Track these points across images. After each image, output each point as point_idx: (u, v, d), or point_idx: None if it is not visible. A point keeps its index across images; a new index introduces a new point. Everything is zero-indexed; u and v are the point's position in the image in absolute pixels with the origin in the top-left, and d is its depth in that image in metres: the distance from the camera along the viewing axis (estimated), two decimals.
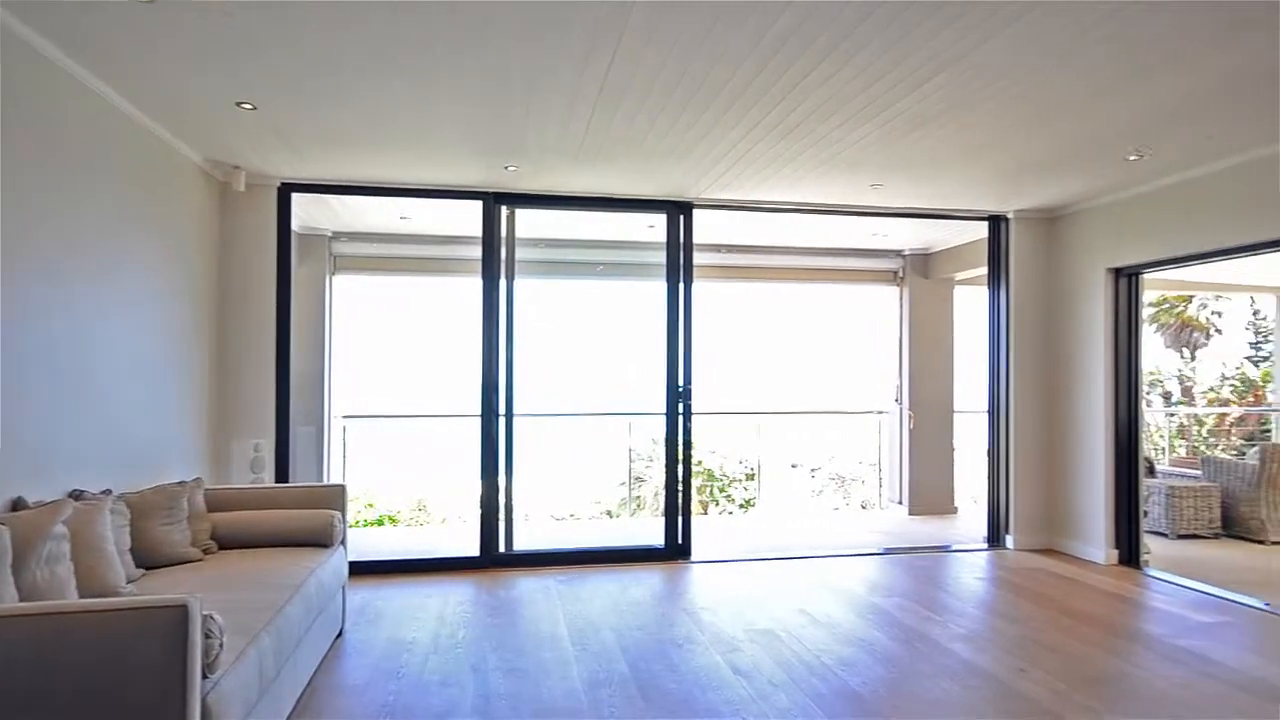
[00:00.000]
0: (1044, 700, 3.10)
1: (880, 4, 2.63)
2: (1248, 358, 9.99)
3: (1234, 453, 8.93)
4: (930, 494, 7.34)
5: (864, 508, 8.68)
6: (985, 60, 3.06)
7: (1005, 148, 4.20)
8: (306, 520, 3.63)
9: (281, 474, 4.91)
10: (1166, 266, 5.06)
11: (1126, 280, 5.30)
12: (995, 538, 5.88)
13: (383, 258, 6.83)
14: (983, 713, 3.00)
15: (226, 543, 3.52)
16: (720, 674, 3.37)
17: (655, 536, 5.48)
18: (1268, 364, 9.71)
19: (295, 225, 5.08)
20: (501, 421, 5.18)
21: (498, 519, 5.18)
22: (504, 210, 5.22)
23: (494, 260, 5.14)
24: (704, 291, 7.90)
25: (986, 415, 5.99)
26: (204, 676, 1.99)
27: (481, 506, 5.15)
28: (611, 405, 9.13)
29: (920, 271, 7.44)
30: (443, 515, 8.76)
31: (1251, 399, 9.84)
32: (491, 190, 5.09)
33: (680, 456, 5.38)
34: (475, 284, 5.15)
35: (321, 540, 3.61)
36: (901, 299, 7.52)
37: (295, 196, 4.95)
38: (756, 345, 13.04)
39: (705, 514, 9.61)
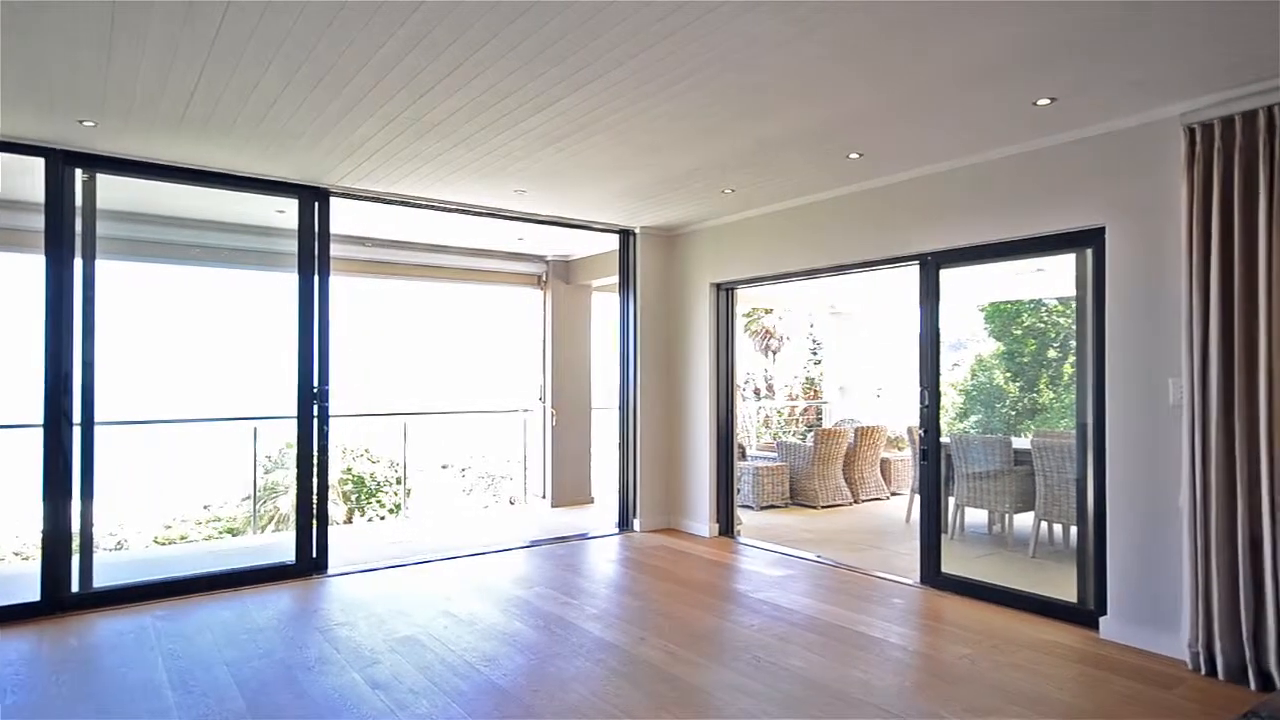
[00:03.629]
0: (660, 662, 3.52)
1: (505, 28, 2.75)
2: (809, 360, 12.58)
3: (799, 437, 11.14)
4: (571, 487, 7.84)
5: (512, 503, 8.94)
6: (602, 93, 3.38)
7: (627, 171, 4.67)
8: None
9: None
10: (753, 284, 6.11)
11: (725, 294, 6.27)
12: (625, 522, 6.51)
13: None
14: (610, 682, 3.30)
15: None
16: (356, 691, 3.19)
17: (287, 552, 4.98)
18: (820, 366, 12.36)
19: None
20: (77, 431, 4.25)
21: (69, 551, 4.23)
22: (79, 174, 4.28)
23: (63, 234, 4.18)
24: (345, 286, 7.41)
25: (618, 411, 6.60)
26: None
27: (45, 537, 4.16)
28: (233, 409, 8.05)
29: (562, 277, 7.91)
30: None
31: (812, 394, 12.38)
32: (59, 147, 4.13)
33: (316, 462, 4.96)
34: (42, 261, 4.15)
35: None
36: (545, 302, 7.91)
37: None
38: (404, 344, 12.62)
39: (350, 522, 9.04)
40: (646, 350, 6.49)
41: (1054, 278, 7.17)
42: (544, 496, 7.85)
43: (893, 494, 8.32)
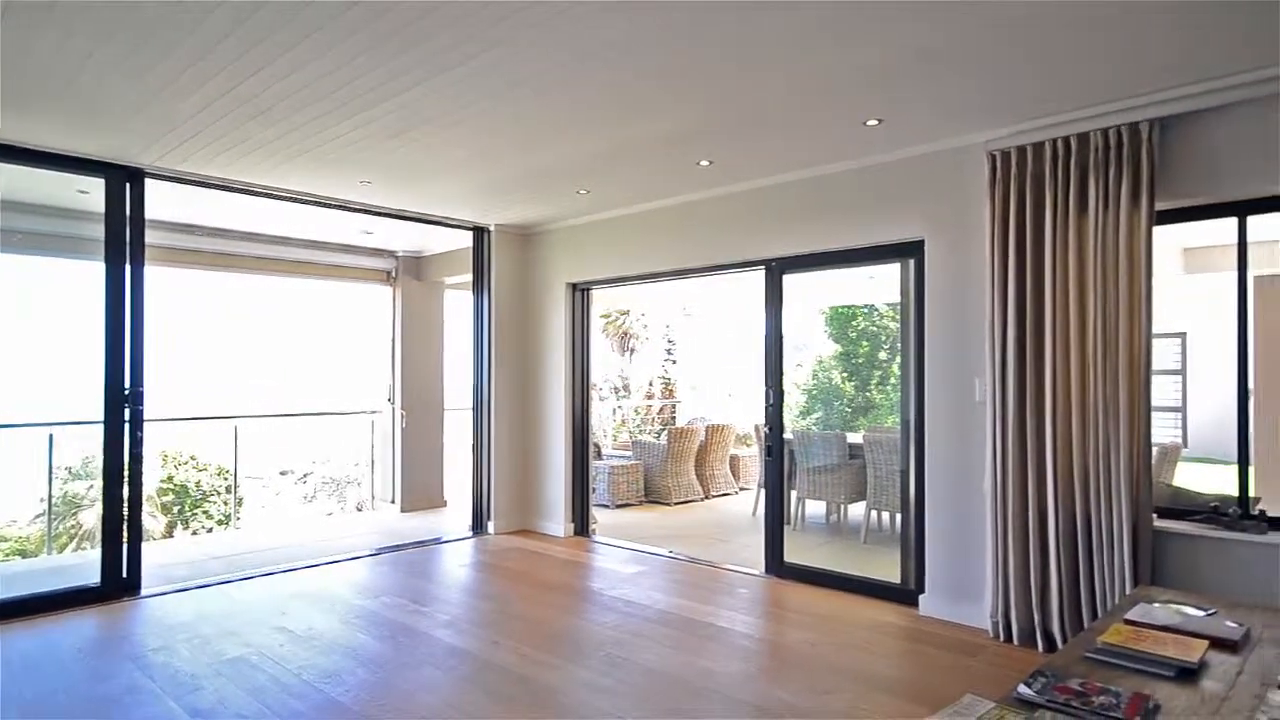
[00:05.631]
0: (513, 665, 3.47)
1: (343, 14, 2.63)
2: (665, 360, 12.90)
3: (654, 436, 11.39)
4: (422, 490, 7.58)
5: (359, 510, 8.51)
6: (449, 88, 3.30)
7: (479, 167, 4.58)
8: None
9: None
10: (608, 285, 6.18)
11: (581, 294, 6.30)
12: (479, 525, 6.37)
13: None
14: (461, 690, 3.22)
15: None
16: None
17: (92, 572, 4.46)
18: (675, 366, 12.71)
19: None
20: None
21: None
22: None
23: None
24: (170, 278, 6.76)
25: (472, 412, 6.46)
26: None
27: None
28: (24, 413, 7.09)
29: (413, 273, 7.63)
30: None
31: (667, 393, 12.70)
32: None
33: (127, 472, 4.48)
34: None
35: None
36: (395, 299, 7.59)
37: None
38: (240, 343, 11.70)
39: (171, 536, 8.24)
40: (501, 350, 6.39)
41: (884, 285, 7.79)
42: (393, 501, 7.53)
43: (741, 489, 8.69)
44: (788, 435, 5.63)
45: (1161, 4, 2.57)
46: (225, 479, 8.68)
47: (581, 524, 6.28)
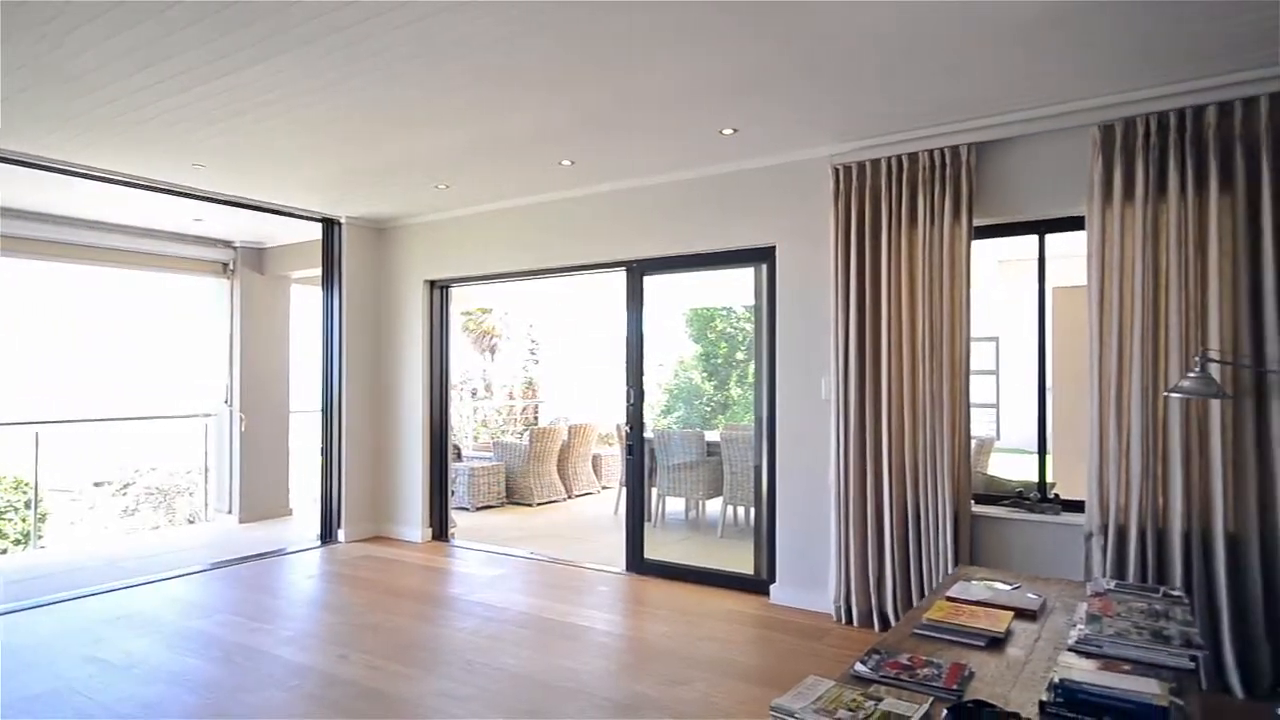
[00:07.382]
0: (363, 678, 3.31)
1: None
2: (528, 360, 12.78)
3: (516, 436, 11.24)
4: (264, 498, 7.06)
5: (191, 522, 7.80)
6: (293, 68, 3.10)
7: (327, 156, 4.33)
8: None
9: None
10: (469, 283, 6.04)
11: (440, 292, 6.11)
12: (328, 533, 6.03)
13: None
14: (304, 709, 3.03)
15: None
16: None
17: None
18: (539, 365, 12.63)
19: None
20: None
21: None
22: None
23: None
24: None
25: (321, 414, 6.09)
26: None
27: None
28: None
29: (254, 266, 7.09)
30: None
31: (531, 394, 12.57)
32: None
33: None
34: None
35: None
36: (232, 293, 7.02)
37: None
38: (44, 339, 10.40)
39: None
40: (354, 348, 6.08)
41: (740, 288, 8.11)
42: (230, 511, 6.96)
43: (604, 488, 8.75)
44: (648, 434, 5.74)
45: (940, 50, 2.85)
46: (24, 493, 7.68)
47: (440, 528, 6.09)
